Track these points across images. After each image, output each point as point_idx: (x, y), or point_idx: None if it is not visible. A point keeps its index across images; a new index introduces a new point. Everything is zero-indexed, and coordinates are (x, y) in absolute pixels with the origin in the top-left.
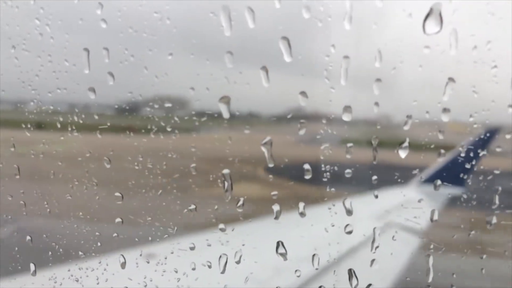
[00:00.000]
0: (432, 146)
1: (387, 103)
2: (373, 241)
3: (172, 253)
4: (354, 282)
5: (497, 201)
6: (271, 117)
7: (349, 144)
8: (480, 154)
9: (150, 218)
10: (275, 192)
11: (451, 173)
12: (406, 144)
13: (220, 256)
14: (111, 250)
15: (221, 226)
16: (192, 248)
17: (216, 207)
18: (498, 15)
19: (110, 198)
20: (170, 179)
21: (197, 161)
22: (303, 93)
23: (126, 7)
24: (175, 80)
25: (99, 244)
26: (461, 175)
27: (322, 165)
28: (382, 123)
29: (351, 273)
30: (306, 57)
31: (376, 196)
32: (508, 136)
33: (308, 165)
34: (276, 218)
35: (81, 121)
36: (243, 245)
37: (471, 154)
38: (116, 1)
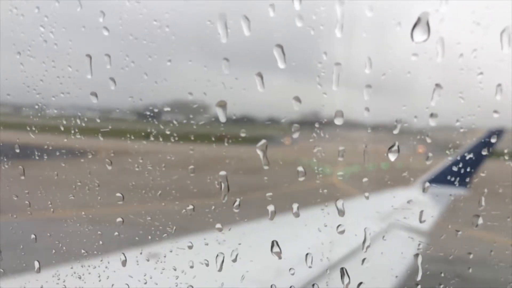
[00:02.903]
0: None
1: (377, 108)
2: (364, 241)
3: (171, 251)
4: (346, 280)
5: (483, 203)
6: (266, 121)
7: (341, 147)
8: (483, 156)
9: (149, 218)
10: (270, 193)
11: (454, 175)
12: (395, 147)
13: (217, 255)
14: (112, 248)
15: (218, 225)
16: (190, 247)
17: (213, 207)
18: (483, 25)
19: (111, 199)
20: (169, 180)
21: (195, 163)
22: (296, 98)
23: (127, 15)
24: (174, 85)
25: (100, 242)
26: (464, 176)
27: (315, 167)
28: (372, 127)
29: (343, 271)
30: (299, 64)
31: (367, 198)
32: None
33: (301, 167)
34: (271, 218)
35: (83, 124)
36: (239, 244)
37: (474, 156)
38: (118, 9)
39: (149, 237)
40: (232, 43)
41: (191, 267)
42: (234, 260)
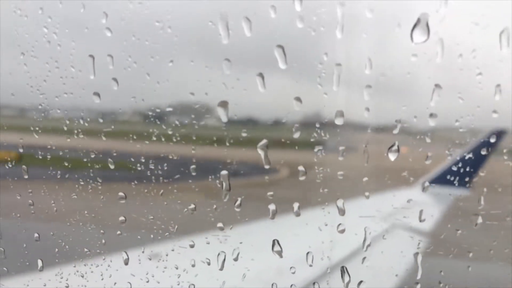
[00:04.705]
0: (420, 150)
1: (377, 108)
2: (364, 240)
3: (172, 250)
4: (347, 279)
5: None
6: (267, 121)
7: (341, 147)
8: (483, 156)
9: (152, 217)
10: (271, 192)
11: (456, 175)
12: (395, 147)
13: (219, 254)
14: (115, 247)
15: (220, 225)
16: (192, 246)
17: (214, 206)
18: (482, 25)
19: (114, 198)
20: (171, 179)
21: (196, 163)
22: (297, 99)
23: (130, 16)
24: (176, 85)
25: (103, 241)
26: (464, 176)
27: (316, 167)
28: (372, 127)
29: (343, 270)
30: (300, 64)
31: (368, 197)
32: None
33: (302, 167)
34: (272, 217)
35: (86, 124)
36: (241, 243)
37: (474, 156)
38: (120, 10)
39: (151, 236)
40: (234, 43)
41: (193, 265)
42: (236, 259)
